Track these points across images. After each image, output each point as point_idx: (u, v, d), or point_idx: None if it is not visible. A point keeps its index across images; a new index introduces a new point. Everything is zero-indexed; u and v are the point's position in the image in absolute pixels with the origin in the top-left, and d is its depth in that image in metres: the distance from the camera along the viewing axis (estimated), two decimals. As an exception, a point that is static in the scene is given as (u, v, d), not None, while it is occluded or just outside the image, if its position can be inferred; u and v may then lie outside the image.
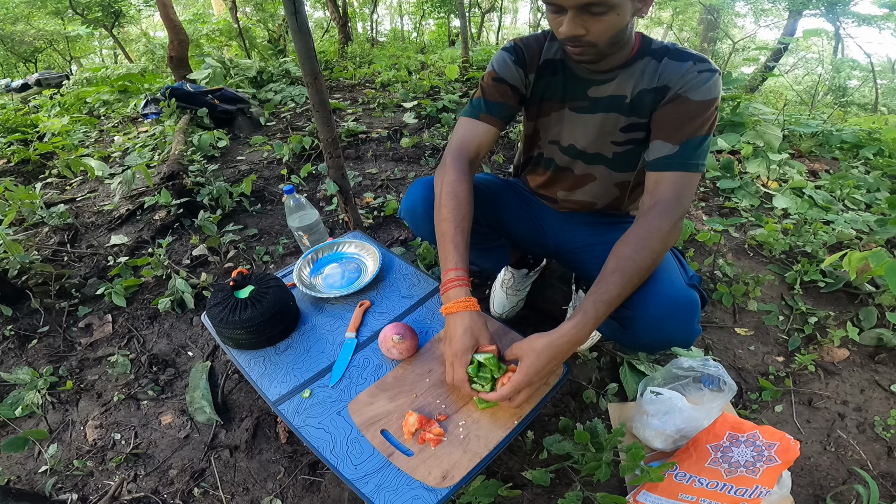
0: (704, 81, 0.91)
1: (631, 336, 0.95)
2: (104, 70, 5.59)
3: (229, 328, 0.98)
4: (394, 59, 5.12)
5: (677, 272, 0.97)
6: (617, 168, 1.10)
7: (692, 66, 0.92)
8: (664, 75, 0.94)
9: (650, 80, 0.96)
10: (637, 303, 0.90)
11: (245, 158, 2.79)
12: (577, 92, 1.04)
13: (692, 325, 0.91)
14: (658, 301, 0.89)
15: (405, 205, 1.17)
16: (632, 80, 0.97)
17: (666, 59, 0.94)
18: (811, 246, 1.88)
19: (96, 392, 1.41)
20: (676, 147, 0.92)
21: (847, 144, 3.01)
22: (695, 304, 0.91)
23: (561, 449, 1.02)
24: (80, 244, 2.07)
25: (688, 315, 0.90)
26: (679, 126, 0.92)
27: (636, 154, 1.06)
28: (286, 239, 2.00)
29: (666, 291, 0.90)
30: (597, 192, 1.16)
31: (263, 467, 1.18)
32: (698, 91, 0.91)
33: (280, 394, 0.94)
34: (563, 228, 1.24)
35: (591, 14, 0.83)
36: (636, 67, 0.97)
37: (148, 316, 1.66)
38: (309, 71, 1.34)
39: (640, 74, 0.97)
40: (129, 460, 1.21)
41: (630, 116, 1.00)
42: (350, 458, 0.83)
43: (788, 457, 0.87)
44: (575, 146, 1.10)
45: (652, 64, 0.96)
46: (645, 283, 0.90)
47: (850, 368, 1.44)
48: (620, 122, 1.02)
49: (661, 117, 0.95)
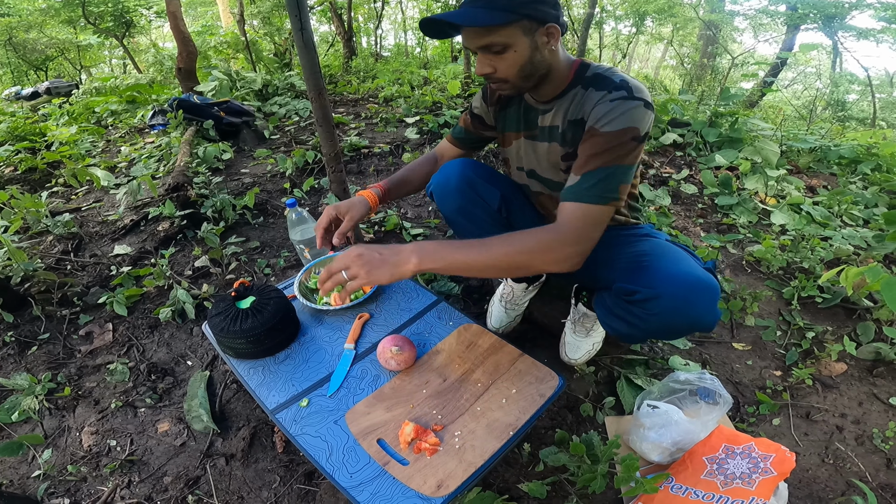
0: (616, 111, 0.89)
1: (652, 320, 0.94)
2: (113, 80, 5.68)
3: (230, 337, 0.99)
4: (397, 74, 5.20)
5: (692, 261, 0.99)
6: None
7: (606, 95, 0.92)
8: (583, 107, 0.96)
9: (574, 111, 0.98)
10: (660, 281, 0.92)
11: (249, 171, 2.82)
12: (529, 120, 1.10)
13: (714, 306, 0.93)
14: (680, 278, 0.92)
15: (437, 179, 1.23)
16: (562, 111, 1.01)
17: (590, 88, 0.96)
18: (808, 262, 1.89)
19: (94, 399, 1.41)
20: (577, 178, 0.93)
21: (845, 160, 3.02)
22: (715, 286, 0.93)
23: (557, 461, 1.03)
24: (83, 253, 2.09)
25: (711, 294, 0.92)
26: (585, 158, 0.93)
27: None
28: (287, 252, 2.01)
29: (689, 271, 0.92)
30: None
31: (259, 476, 1.17)
32: (609, 122, 0.90)
33: (278, 402, 0.95)
34: None
35: (493, 53, 0.91)
36: (568, 97, 1.00)
37: (149, 325, 1.67)
38: (313, 86, 1.37)
39: (568, 104, 1.00)
40: (124, 467, 1.21)
41: (565, 146, 1.04)
42: (346, 466, 0.83)
43: (784, 468, 0.87)
44: (536, 172, 1.17)
45: (580, 93, 0.98)
46: (665, 266, 0.95)
47: (849, 382, 1.44)
48: (560, 151, 1.06)
49: (578, 152, 0.96)
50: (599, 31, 9.18)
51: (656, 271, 0.96)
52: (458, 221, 1.26)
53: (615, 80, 0.93)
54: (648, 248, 1.05)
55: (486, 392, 0.96)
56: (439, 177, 1.22)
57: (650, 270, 0.97)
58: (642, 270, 0.98)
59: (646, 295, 0.93)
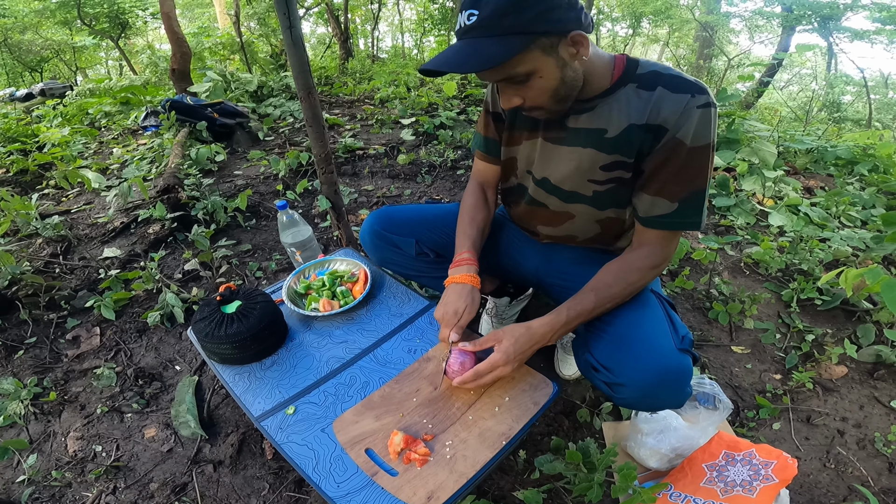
0: (704, 121, 0.80)
1: (619, 399, 0.91)
2: (107, 81, 5.64)
3: (215, 343, 0.96)
4: (393, 75, 5.17)
5: (668, 335, 0.88)
6: (599, 206, 0.99)
7: (691, 100, 0.79)
8: (660, 111, 0.81)
9: (640, 114, 0.83)
10: (626, 370, 0.86)
11: (242, 173, 2.79)
12: (554, 121, 0.93)
13: (682, 391, 0.87)
14: (647, 370, 0.84)
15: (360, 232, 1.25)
16: (614, 112, 0.86)
17: (660, 88, 0.81)
18: (807, 264, 1.87)
19: (80, 404, 1.39)
20: (675, 205, 0.85)
21: (842, 161, 3.01)
22: (686, 372, 0.86)
23: (552, 469, 1.00)
24: (72, 256, 2.06)
25: (678, 384, 0.86)
26: (676, 179, 0.84)
27: (621, 193, 0.94)
28: (279, 255, 1.98)
29: (656, 361, 0.84)
30: (577, 228, 1.07)
31: (247, 483, 1.15)
32: (698, 134, 0.80)
33: (264, 409, 0.92)
34: (545, 260, 1.20)
35: (516, 84, 0.79)
36: (619, 96, 0.85)
37: (137, 329, 1.64)
38: (303, 85, 1.35)
39: (625, 105, 0.84)
40: (109, 473, 1.19)
41: (612, 154, 0.88)
42: (333, 475, 0.80)
43: (786, 475, 0.85)
44: (549, 180, 1.00)
45: (641, 94, 0.83)
46: (633, 349, 0.86)
47: (849, 385, 1.42)
48: (600, 159, 0.90)
49: (657, 167, 0.85)
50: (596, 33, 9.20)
51: (623, 353, 0.87)
52: (389, 268, 1.29)
53: (689, 79, 0.81)
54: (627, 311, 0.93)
55: (479, 400, 0.93)
56: (361, 231, 1.24)
57: (617, 349, 0.89)
58: (610, 343, 0.90)
59: (611, 380, 0.88)
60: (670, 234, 0.91)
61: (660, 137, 0.83)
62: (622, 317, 0.92)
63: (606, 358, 0.89)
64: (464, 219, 1.13)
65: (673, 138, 0.81)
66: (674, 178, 0.84)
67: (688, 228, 0.88)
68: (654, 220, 0.89)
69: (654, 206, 0.88)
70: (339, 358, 1.03)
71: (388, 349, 1.06)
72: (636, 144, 0.85)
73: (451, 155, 2.83)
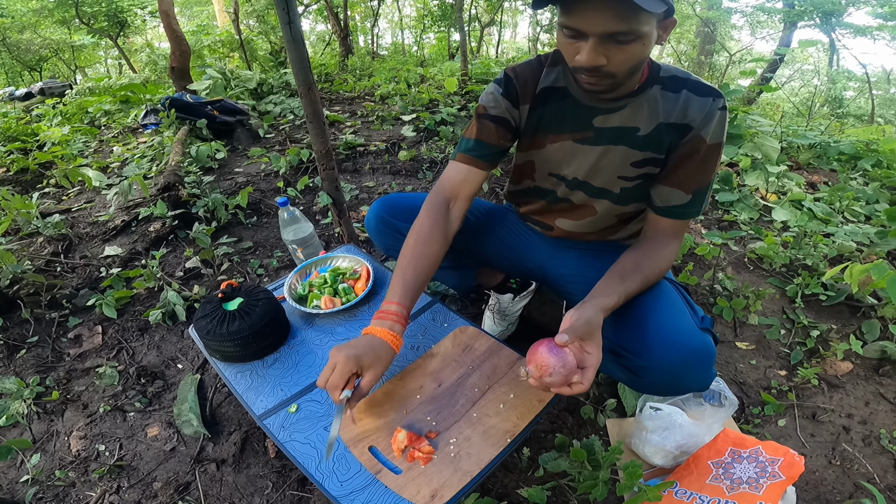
0: (721, 122, 0.88)
1: (644, 384, 0.90)
2: (107, 80, 5.63)
3: (216, 340, 0.96)
4: (394, 72, 5.15)
5: (688, 316, 0.90)
6: (622, 202, 1.04)
7: (713, 103, 0.87)
8: (688, 112, 0.88)
9: (668, 113, 0.89)
10: (649, 351, 0.86)
11: (242, 170, 2.78)
12: (580, 121, 0.95)
13: (709, 371, 0.87)
14: (672, 349, 0.84)
15: (366, 218, 1.25)
16: (644, 111, 0.90)
17: (685, 91, 0.88)
18: (811, 259, 1.86)
19: (82, 403, 1.39)
20: (689, 196, 0.93)
21: (845, 156, 2.99)
22: (710, 351, 0.86)
23: (556, 467, 0.99)
24: (73, 255, 2.05)
25: (704, 362, 0.86)
26: (693, 173, 0.91)
27: (644, 188, 1.00)
28: (281, 252, 1.98)
29: (680, 339, 0.85)
30: (595, 223, 1.10)
31: (251, 482, 1.15)
32: (716, 132, 0.88)
33: (266, 408, 0.91)
34: (553, 254, 1.20)
35: (616, 42, 0.75)
36: (647, 96, 0.90)
37: (138, 328, 1.64)
38: (302, 81, 1.34)
39: (654, 105, 0.90)
40: (113, 472, 1.19)
41: (644, 151, 0.93)
42: (336, 474, 0.80)
43: (793, 472, 0.84)
44: (578, 178, 1.03)
45: (666, 95, 0.89)
46: (656, 330, 0.87)
47: (855, 381, 1.41)
48: (631, 156, 0.95)
49: (678, 160, 0.92)
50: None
51: (646, 334, 0.87)
52: (394, 255, 1.24)
53: (708, 84, 0.89)
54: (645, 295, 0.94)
55: (483, 397, 0.92)
56: (367, 216, 1.24)
57: (640, 331, 0.89)
58: (632, 327, 0.90)
59: (635, 363, 0.88)
60: (682, 224, 0.98)
61: (684, 134, 0.90)
62: (641, 300, 0.93)
63: (628, 341, 0.89)
64: (406, 255, 0.97)
65: (697, 135, 0.89)
66: (691, 171, 0.92)
67: (692, 217, 0.97)
68: (669, 209, 0.96)
69: (670, 197, 0.95)
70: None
71: (390, 346, 1.04)
72: (667, 141, 0.92)
73: (452, 151, 2.81)
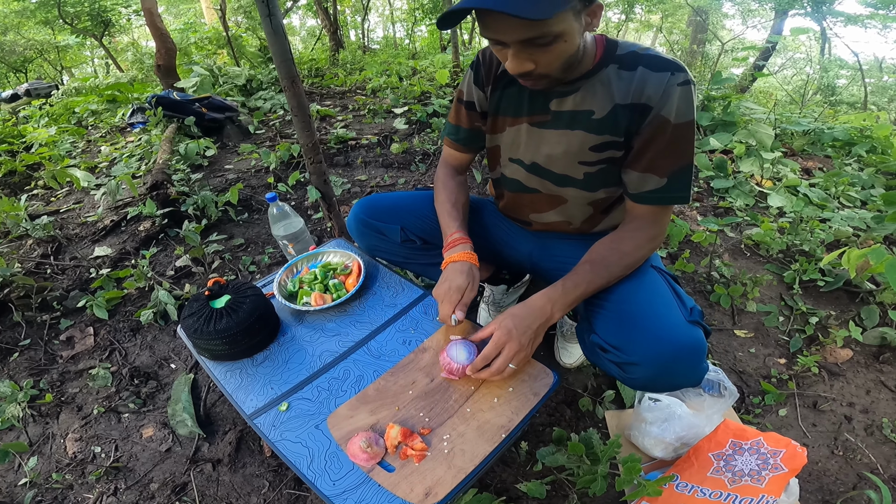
0: (685, 99, 0.81)
1: (634, 379, 0.86)
2: (93, 80, 5.54)
3: (204, 339, 0.93)
4: (385, 65, 5.10)
5: (676, 309, 0.86)
6: (590, 188, 0.98)
7: (671, 78, 0.80)
8: (644, 90, 0.82)
9: (624, 94, 0.84)
10: (637, 348, 0.82)
11: (233, 167, 2.74)
12: (537, 104, 0.93)
13: (699, 366, 0.83)
14: (660, 345, 0.80)
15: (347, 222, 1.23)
16: (598, 94, 0.86)
17: (641, 68, 0.82)
18: (808, 244, 1.84)
19: (77, 405, 1.37)
20: (664, 180, 0.86)
21: (839, 142, 2.99)
22: (701, 345, 0.82)
23: (555, 461, 0.97)
24: (63, 256, 2.02)
25: (694, 357, 0.81)
26: (664, 155, 0.85)
27: (612, 173, 0.94)
28: (272, 248, 1.95)
29: (668, 334, 0.81)
30: (570, 213, 1.06)
31: (247, 481, 1.13)
32: (680, 111, 0.81)
33: (256, 407, 0.89)
34: (539, 247, 1.17)
35: (537, 46, 0.74)
36: (601, 77, 0.85)
37: (130, 328, 1.61)
38: (286, 74, 1.31)
39: (607, 86, 0.85)
40: (109, 474, 1.18)
41: (602, 135, 0.89)
42: (328, 473, 0.78)
43: (795, 464, 0.82)
44: (539, 164, 0.99)
45: (622, 74, 0.84)
46: (642, 324, 0.83)
47: (855, 369, 1.39)
48: (589, 140, 0.90)
49: (644, 144, 0.86)
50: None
51: (631, 329, 0.84)
52: (378, 255, 1.26)
53: (667, 58, 0.82)
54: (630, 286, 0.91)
55: (477, 392, 0.90)
56: (348, 219, 1.21)
57: (624, 325, 0.86)
58: (616, 321, 0.87)
59: (622, 359, 0.84)
60: (661, 209, 0.92)
61: (645, 115, 0.84)
62: (625, 292, 0.90)
63: (614, 336, 0.86)
64: (444, 202, 1.09)
65: (658, 116, 0.83)
66: (661, 154, 0.85)
67: (677, 202, 0.89)
68: (644, 195, 0.90)
69: (644, 183, 0.89)
70: (332, 352, 1.00)
71: (381, 341, 1.02)
72: (624, 124, 0.86)
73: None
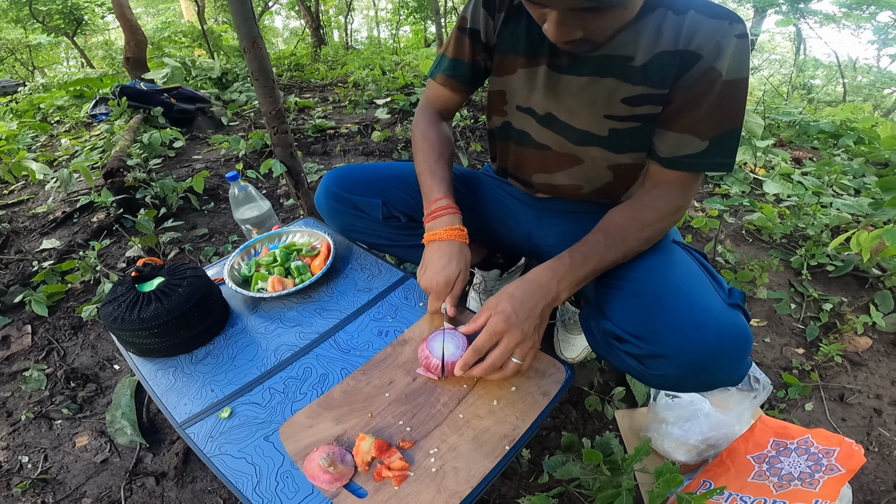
0: (741, 52, 0.68)
1: (657, 377, 0.69)
2: (62, 76, 5.30)
3: (128, 329, 0.75)
4: (367, 60, 4.95)
5: (712, 289, 0.70)
6: (615, 149, 0.82)
7: (728, 28, 0.67)
8: (694, 36, 0.69)
9: (672, 39, 0.70)
10: (665, 337, 0.66)
11: (201, 157, 2.59)
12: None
13: (744, 361, 0.66)
14: (697, 332, 0.64)
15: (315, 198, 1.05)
16: (642, 37, 0.71)
17: (692, 12, 0.69)
18: (813, 229, 1.76)
19: (6, 410, 1.23)
20: (706, 144, 0.72)
21: (824, 134, 2.99)
22: (746, 334, 0.65)
23: (567, 473, 0.79)
24: (9, 250, 1.83)
25: (739, 349, 0.65)
26: (711, 115, 0.70)
27: (645, 134, 0.79)
28: (236, 237, 1.79)
29: (705, 320, 0.65)
30: (583, 175, 0.89)
31: (197, 498, 0.98)
32: (734, 65, 0.68)
33: (191, 413, 0.70)
34: (540, 220, 1.02)
35: (593, 12, 0.62)
36: (647, 21, 0.71)
37: (72, 326, 1.44)
38: (246, 35, 1.17)
39: (654, 30, 0.71)
40: (36, 486, 1.04)
41: (640, 85, 0.74)
42: (280, 498, 0.60)
43: (853, 464, 0.69)
44: (554, 115, 0.83)
45: (670, 17, 0.70)
46: (672, 308, 0.67)
47: (876, 358, 1.28)
48: (622, 90, 0.75)
49: (688, 100, 0.71)
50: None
51: (659, 314, 0.67)
52: (354, 238, 1.07)
53: (722, 7, 0.69)
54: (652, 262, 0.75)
55: (471, 392, 0.72)
56: (316, 194, 1.03)
57: (650, 310, 0.69)
58: (638, 305, 0.71)
59: (644, 351, 0.67)
60: (692, 177, 0.77)
61: (690, 66, 0.70)
62: (647, 269, 0.73)
63: (634, 323, 0.69)
64: (428, 154, 0.89)
65: (708, 67, 0.69)
66: (707, 113, 0.71)
67: (717, 171, 0.74)
68: (679, 160, 0.75)
69: (681, 145, 0.74)
70: (291, 345, 0.82)
71: (352, 332, 0.84)
72: (669, 74, 0.72)
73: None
